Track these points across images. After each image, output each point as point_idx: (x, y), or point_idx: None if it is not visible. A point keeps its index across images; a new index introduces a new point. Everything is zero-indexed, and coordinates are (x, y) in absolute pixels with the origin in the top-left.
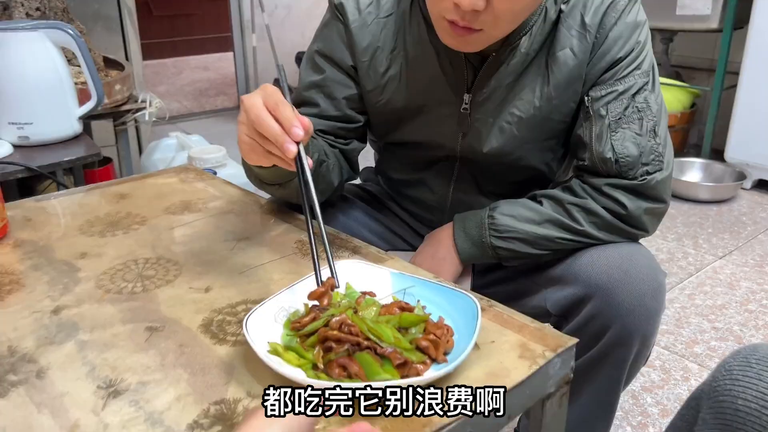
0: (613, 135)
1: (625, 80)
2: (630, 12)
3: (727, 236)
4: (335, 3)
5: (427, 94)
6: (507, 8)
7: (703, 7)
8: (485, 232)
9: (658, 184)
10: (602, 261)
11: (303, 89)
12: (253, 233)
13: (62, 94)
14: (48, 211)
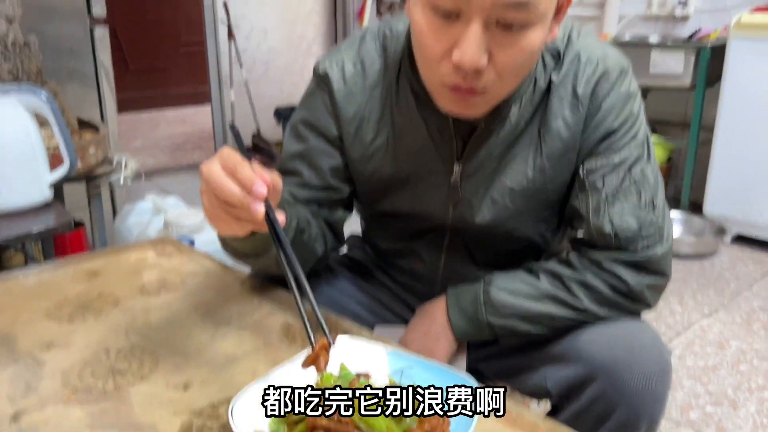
0: (611, 208)
1: (620, 152)
2: (623, 83)
3: (711, 293)
4: (320, 73)
5: (416, 165)
6: (509, 61)
7: (676, 65)
8: (481, 308)
9: (659, 258)
10: (605, 339)
11: (287, 159)
12: (235, 316)
13: (33, 160)
14: (13, 291)
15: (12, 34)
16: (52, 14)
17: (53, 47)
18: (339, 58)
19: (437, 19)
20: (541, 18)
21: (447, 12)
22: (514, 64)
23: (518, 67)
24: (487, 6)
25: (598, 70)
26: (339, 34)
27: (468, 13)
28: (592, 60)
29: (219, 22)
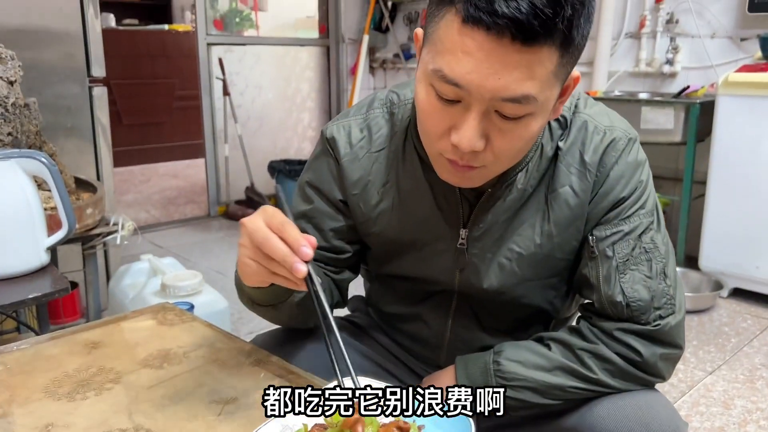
0: (622, 277)
1: (630, 220)
2: (630, 151)
3: (713, 349)
4: (327, 136)
5: (422, 229)
6: (507, 147)
7: (666, 121)
8: (491, 379)
9: (672, 329)
10: (620, 413)
11: (294, 219)
12: (241, 392)
13: (30, 225)
14: (9, 365)
15: (13, 97)
16: (52, 75)
17: (52, 106)
18: (346, 123)
19: (439, 102)
20: (540, 108)
21: (452, 98)
22: (511, 149)
23: (515, 151)
24: (486, 98)
25: (606, 139)
26: (332, 89)
27: (467, 101)
28: (599, 129)
29: (214, 78)
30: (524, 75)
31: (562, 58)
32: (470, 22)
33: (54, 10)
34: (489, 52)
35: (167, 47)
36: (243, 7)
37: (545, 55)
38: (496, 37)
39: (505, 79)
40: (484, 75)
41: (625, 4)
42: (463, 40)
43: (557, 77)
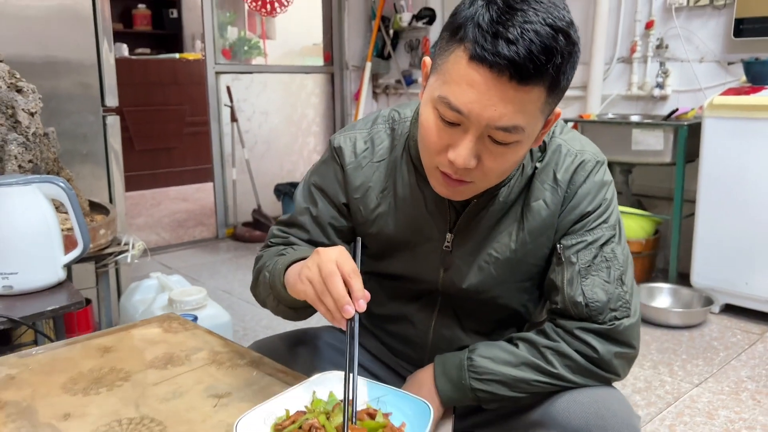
0: (584, 281)
1: (593, 232)
2: (597, 172)
3: (701, 362)
4: (334, 146)
5: (413, 232)
6: (495, 167)
7: (656, 143)
8: (465, 373)
9: (626, 329)
10: (578, 406)
11: (297, 213)
12: (235, 388)
13: (49, 244)
14: (31, 367)
15: (34, 127)
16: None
17: (69, 135)
18: (352, 135)
19: (441, 123)
20: (526, 137)
21: (452, 122)
22: (498, 169)
23: (501, 171)
24: (482, 125)
25: (576, 161)
26: (337, 114)
27: (466, 125)
28: (571, 152)
29: (222, 105)
30: (517, 109)
31: (548, 97)
32: (476, 60)
33: (71, 44)
34: (490, 86)
35: (178, 75)
36: (252, 35)
37: (535, 94)
38: (497, 74)
39: (500, 111)
40: (483, 105)
41: (616, 30)
42: (469, 74)
43: (542, 113)
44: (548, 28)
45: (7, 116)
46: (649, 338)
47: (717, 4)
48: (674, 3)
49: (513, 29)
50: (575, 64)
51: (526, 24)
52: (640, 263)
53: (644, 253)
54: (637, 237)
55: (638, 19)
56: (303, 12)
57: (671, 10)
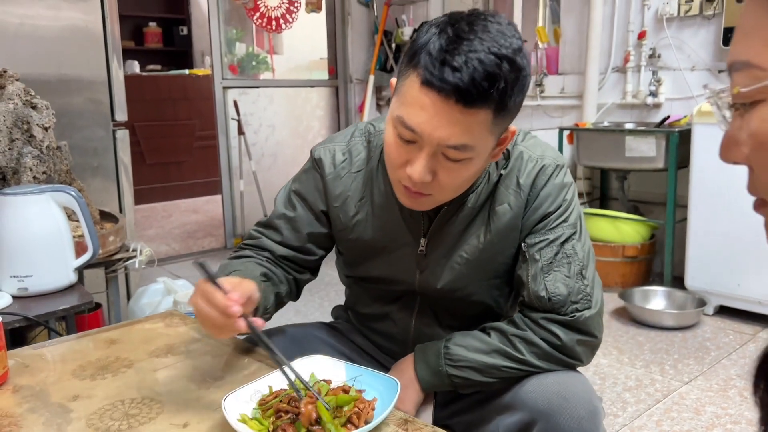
0: (546, 276)
1: (555, 230)
2: (557, 176)
3: (692, 362)
4: (315, 157)
5: (390, 237)
6: (449, 181)
7: (648, 149)
8: (441, 361)
9: (587, 320)
10: (543, 388)
11: (275, 216)
12: (227, 372)
13: (62, 249)
14: (44, 357)
15: (47, 140)
16: (80, 120)
17: (80, 148)
18: (332, 147)
19: (400, 141)
20: (477, 155)
21: (408, 140)
22: (453, 184)
23: (456, 186)
24: (434, 143)
25: (537, 166)
26: (341, 126)
27: (421, 143)
28: (532, 158)
29: (230, 119)
30: (464, 129)
31: (496, 118)
32: (426, 85)
33: (83, 62)
34: (438, 109)
35: (188, 90)
36: (260, 51)
37: (481, 116)
38: (444, 98)
39: (448, 131)
40: (433, 126)
41: (610, 41)
42: (421, 98)
43: (492, 132)
44: (492, 57)
45: (23, 131)
46: (642, 339)
47: (706, 14)
48: (665, 14)
49: (459, 57)
50: (523, 87)
51: (471, 53)
52: (636, 267)
53: (640, 257)
54: (633, 242)
55: (631, 30)
56: (308, 28)
57: (663, 21)
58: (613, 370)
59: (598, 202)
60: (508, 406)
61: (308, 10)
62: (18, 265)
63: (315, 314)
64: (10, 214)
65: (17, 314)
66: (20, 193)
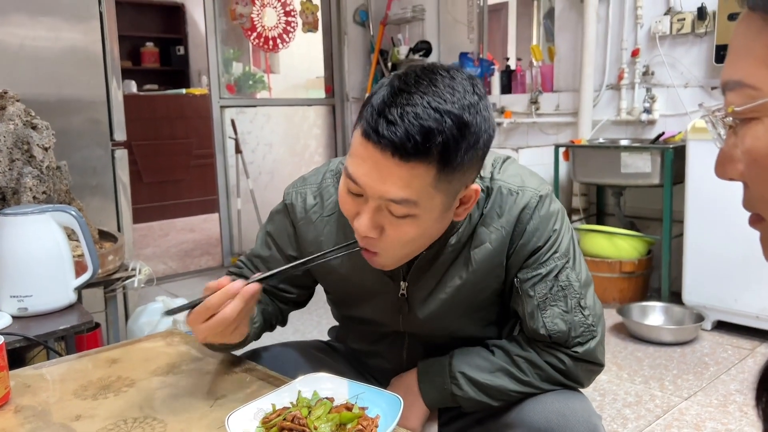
0: (543, 313)
1: (546, 264)
2: (542, 207)
3: (691, 377)
4: (286, 201)
5: (369, 283)
6: (396, 237)
7: (644, 165)
8: (446, 379)
9: (591, 352)
10: (542, 406)
11: (253, 254)
12: (230, 391)
13: (61, 269)
14: (45, 377)
15: (47, 161)
16: (79, 140)
17: (79, 168)
18: (303, 190)
19: (349, 192)
20: (423, 212)
21: (355, 192)
22: (400, 241)
23: (404, 243)
24: (377, 196)
25: (519, 200)
26: (338, 144)
27: (366, 196)
28: (512, 191)
29: (227, 138)
30: (403, 183)
31: (440, 174)
32: (365, 137)
33: (82, 83)
34: (377, 162)
35: (185, 109)
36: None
37: (421, 170)
38: (381, 151)
39: (387, 185)
40: (373, 179)
41: (604, 58)
42: (362, 150)
43: (438, 189)
44: (432, 111)
45: (23, 151)
46: (641, 355)
47: (698, 32)
48: (658, 32)
49: (395, 110)
50: (473, 145)
51: (408, 106)
52: (634, 283)
53: (637, 273)
54: (630, 257)
55: (624, 48)
56: (305, 47)
57: (655, 39)
58: (612, 386)
59: (595, 218)
60: (509, 424)
61: (305, 30)
62: (18, 285)
63: (313, 332)
64: (11, 234)
65: (17, 334)
66: (20, 213)
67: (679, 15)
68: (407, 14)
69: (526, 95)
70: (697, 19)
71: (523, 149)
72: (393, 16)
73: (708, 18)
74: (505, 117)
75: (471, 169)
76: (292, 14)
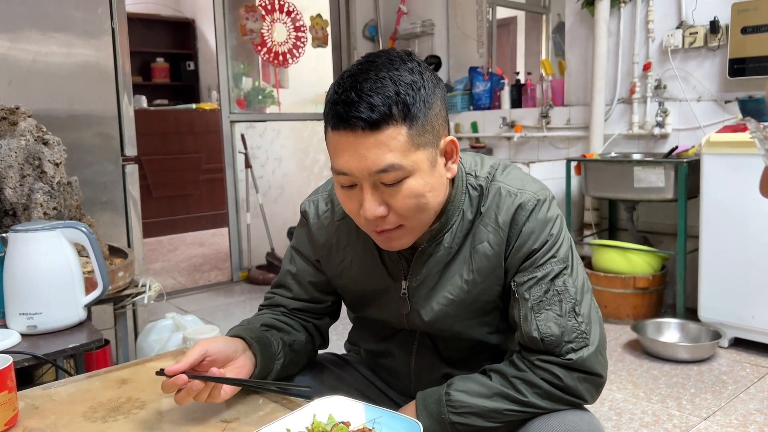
0: (537, 316)
1: (543, 267)
2: (539, 211)
3: (709, 396)
4: (301, 210)
5: (373, 282)
6: (405, 205)
7: (657, 180)
8: (443, 408)
9: (585, 360)
10: (547, 429)
11: (282, 275)
12: (243, 413)
13: (72, 286)
14: (54, 398)
15: (58, 176)
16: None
17: (90, 183)
18: (315, 198)
19: (346, 189)
20: (413, 170)
21: (348, 185)
22: (409, 206)
23: (414, 207)
24: (366, 175)
25: (516, 201)
26: None
27: (360, 182)
28: (511, 192)
29: (237, 153)
30: (383, 150)
31: (411, 130)
32: (335, 129)
33: (94, 98)
34: (353, 143)
35: (195, 124)
36: (266, 85)
37: (393, 133)
38: (353, 131)
39: (370, 158)
40: (356, 160)
41: (615, 72)
42: (337, 142)
43: (415, 145)
44: (381, 80)
45: (34, 167)
46: (657, 373)
47: (711, 45)
48: (670, 45)
49: (350, 93)
50: (422, 90)
51: (359, 84)
52: (648, 299)
53: (652, 288)
54: (644, 273)
55: (636, 62)
56: (315, 62)
57: (667, 53)
58: (629, 405)
59: (607, 233)
60: None
61: (314, 45)
62: (27, 303)
63: None
64: (21, 250)
65: (26, 353)
66: (31, 230)
67: (692, 29)
68: (417, 29)
69: (537, 109)
70: (709, 33)
71: (534, 163)
72: (402, 31)
73: (721, 31)
74: (515, 131)
75: (437, 121)
76: (302, 29)
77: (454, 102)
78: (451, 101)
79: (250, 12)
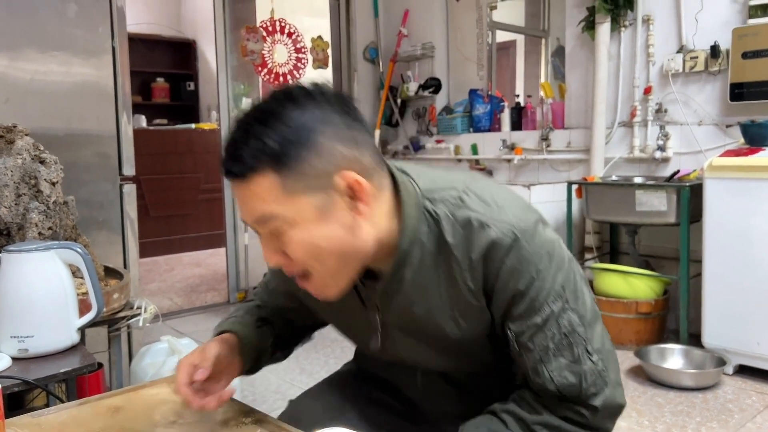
0: (548, 366)
1: (541, 311)
2: (519, 248)
3: (715, 425)
4: None
5: (352, 317)
6: (297, 255)
7: (659, 204)
8: None
9: (607, 399)
10: None
11: (262, 284)
12: None
13: (65, 308)
14: (43, 426)
15: (54, 196)
16: (87, 175)
17: (87, 203)
18: None
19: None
20: (296, 219)
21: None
22: (304, 256)
23: (310, 256)
24: (252, 225)
25: (488, 237)
26: None
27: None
28: (484, 226)
29: None
30: (255, 201)
31: (282, 177)
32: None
33: (93, 117)
34: (236, 192)
35: (194, 144)
36: None
37: (262, 182)
38: (232, 181)
39: (247, 209)
40: (242, 211)
41: (616, 96)
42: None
43: (292, 191)
44: (243, 127)
45: (30, 186)
46: (662, 400)
47: (711, 70)
48: (670, 69)
49: (227, 142)
50: (300, 135)
51: (231, 134)
52: (650, 324)
53: (654, 313)
54: (646, 297)
55: (636, 86)
56: None
57: (668, 77)
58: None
59: (608, 256)
60: None
61: (315, 66)
62: (19, 326)
63: (321, 373)
64: (14, 271)
65: (16, 378)
66: (25, 250)
67: (692, 53)
68: (417, 51)
69: (537, 132)
70: (710, 57)
71: (535, 186)
72: (403, 54)
73: (721, 56)
74: (515, 153)
75: (322, 163)
76: (303, 51)
77: (454, 124)
78: (451, 123)
79: (251, 33)
